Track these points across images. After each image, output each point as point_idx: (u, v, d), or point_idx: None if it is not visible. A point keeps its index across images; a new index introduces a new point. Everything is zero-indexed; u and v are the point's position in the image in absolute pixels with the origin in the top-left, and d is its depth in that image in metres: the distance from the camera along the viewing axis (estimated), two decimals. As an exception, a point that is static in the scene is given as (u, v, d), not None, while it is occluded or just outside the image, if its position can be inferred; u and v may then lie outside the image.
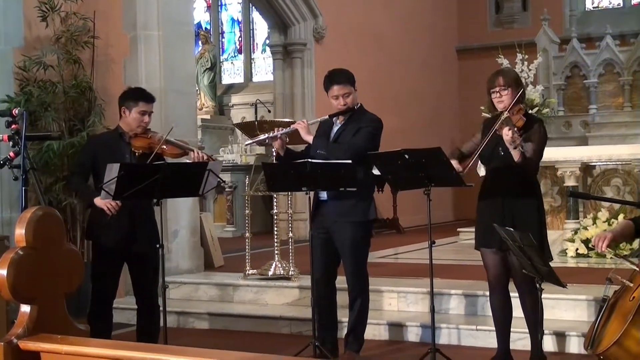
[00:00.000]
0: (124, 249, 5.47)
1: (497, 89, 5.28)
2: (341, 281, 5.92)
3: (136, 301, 5.66)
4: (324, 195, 5.70)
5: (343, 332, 6.04)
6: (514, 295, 5.46)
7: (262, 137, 5.96)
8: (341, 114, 5.72)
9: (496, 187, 5.35)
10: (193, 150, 5.54)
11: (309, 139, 5.76)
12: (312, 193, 5.66)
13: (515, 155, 5.07)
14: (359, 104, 5.77)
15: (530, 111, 10.65)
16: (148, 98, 5.57)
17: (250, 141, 6.35)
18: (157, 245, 5.33)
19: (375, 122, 5.75)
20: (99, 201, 5.29)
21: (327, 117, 5.82)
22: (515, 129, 5.04)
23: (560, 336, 6.00)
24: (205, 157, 5.49)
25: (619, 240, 4.39)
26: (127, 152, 5.49)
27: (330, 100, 5.76)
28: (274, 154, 6.95)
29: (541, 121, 5.45)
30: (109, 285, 5.54)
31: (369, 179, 5.82)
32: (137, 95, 5.58)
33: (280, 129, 5.84)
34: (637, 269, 4.08)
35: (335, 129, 5.79)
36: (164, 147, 5.45)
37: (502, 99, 5.26)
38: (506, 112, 5.17)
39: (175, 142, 5.58)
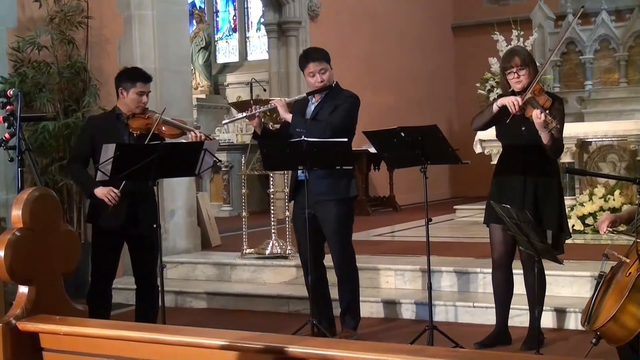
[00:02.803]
0: (125, 230, 5.47)
1: (515, 69, 5.20)
2: (329, 259, 5.93)
3: (135, 281, 5.68)
4: (302, 175, 5.68)
5: (338, 310, 6.07)
6: (516, 273, 5.48)
7: (239, 115, 5.95)
8: (318, 92, 5.71)
9: (517, 166, 5.29)
10: (192, 131, 5.52)
11: (288, 117, 5.75)
12: (290, 173, 5.63)
13: (546, 137, 5.03)
14: (335, 82, 5.76)
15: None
16: (145, 78, 5.55)
17: (227, 120, 6.34)
18: (154, 226, 5.34)
19: (351, 99, 5.74)
20: (99, 192, 5.30)
21: (304, 95, 5.83)
22: (547, 111, 4.99)
23: (558, 312, 6.02)
24: (203, 137, 5.48)
25: (624, 223, 4.40)
26: (125, 134, 5.48)
27: (306, 78, 5.78)
28: (270, 128, 6.97)
29: (561, 100, 5.39)
30: (109, 266, 5.54)
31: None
32: (134, 76, 5.55)
33: (257, 107, 5.84)
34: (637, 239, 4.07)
35: (311, 107, 5.79)
36: (162, 127, 5.44)
37: (520, 79, 5.19)
38: (528, 92, 5.11)
39: (173, 122, 5.57)
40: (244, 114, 5.85)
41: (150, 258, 5.57)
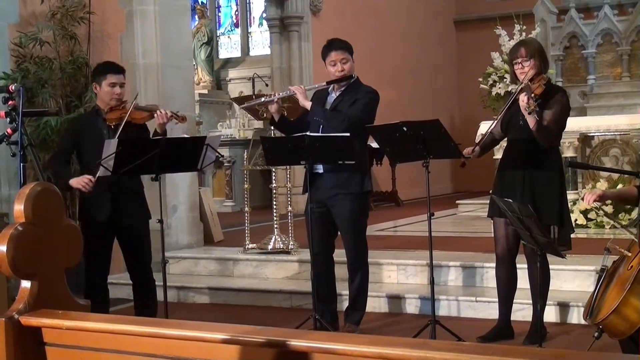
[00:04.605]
0: (111, 224, 5.47)
1: (519, 60, 5.25)
2: (339, 254, 5.94)
3: (130, 277, 5.69)
4: (319, 168, 5.69)
5: (343, 304, 6.07)
6: (519, 267, 5.48)
7: (259, 100, 5.96)
8: (339, 82, 5.71)
9: (516, 158, 5.33)
10: (157, 111, 5.48)
11: (307, 104, 5.74)
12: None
13: (531, 122, 5.05)
14: (356, 76, 5.76)
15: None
16: (115, 69, 5.57)
17: (247, 104, 6.32)
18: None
19: (372, 94, 5.75)
20: (73, 182, 5.33)
21: (324, 84, 5.82)
22: (532, 95, 5.02)
23: (560, 306, 6.02)
24: (169, 114, 5.46)
25: (612, 200, 4.39)
26: (104, 128, 5.49)
27: (327, 67, 5.76)
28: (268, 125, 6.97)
29: (564, 91, 5.40)
30: (100, 261, 5.51)
31: (364, 151, 5.82)
32: (104, 69, 5.59)
33: (277, 92, 5.86)
34: (636, 239, 4.08)
35: (331, 99, 5.78)
36: (134, 114, 5.44)
37: (524, 70, 5.23)
38: (525, 79, 5.14)
39: (141, 107, 5.60)
40: (263, 99, 5.87)
41: (141, 253, 5.58)
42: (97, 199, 5.41)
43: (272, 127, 6.21)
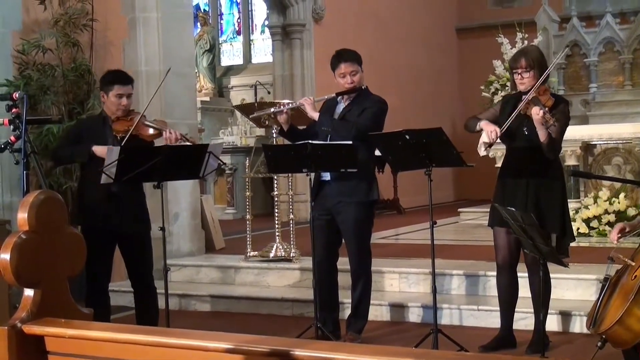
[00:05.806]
0: (112, 231, 5.47)
1: (519, 70, 5.25)
2: (343, 262, 5.93)
3: (132, 284, 5.68)
4: (326, 176, 5.70)
5: (345, 313, 6.06)
6: (521, 276, 5.47)
7: (268, 110, 5.97)
8: (348, 93, 5.72)
9: (520, 167, 5.31)
10: (166, 130, 5.48)
11: (315, 115, 5.76)
12: (312, 174, 5.66)
13: (543, 135, 5.05)
14: (365, 86, 5.77)
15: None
16: (123, 80, 5.54)
17: (256, 114, 6.33)
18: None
19: (380, 104, 5.76)
20: (99, 149, 5.25)
21: (333, 95, 5.83)
22: (546, 109, 5.01)
23: (563, 315, 6.00)
24: (178, 135, 5.46)
25: (636, 229, 4.40)
26: (110, 136, 5.48)
27: (337, 79, 5.76)
28: (274, 132, 6.98)
29: (566, 102, 5.42)
30: (101, 268, 5.50)
31: (371, 160, 5.82)
32: (112, 79, 5.55)
33: (286, 103, 5.87)
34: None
35: (339, 108, 5.79)
36: (141, 129, 5.42)
37: (524, 81, 5.23)
38: (533, 91, 5.13)
39: (150, 124, 5.55)
40: (273, 110, 5.88)
41: (142, 260, 5.57)
42: (96, 204, 5.41)
43: (276, 135, 6.20)
